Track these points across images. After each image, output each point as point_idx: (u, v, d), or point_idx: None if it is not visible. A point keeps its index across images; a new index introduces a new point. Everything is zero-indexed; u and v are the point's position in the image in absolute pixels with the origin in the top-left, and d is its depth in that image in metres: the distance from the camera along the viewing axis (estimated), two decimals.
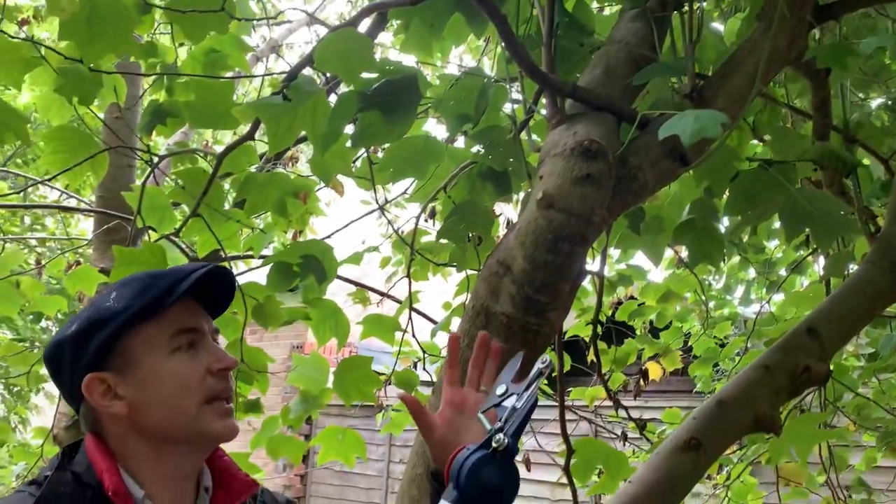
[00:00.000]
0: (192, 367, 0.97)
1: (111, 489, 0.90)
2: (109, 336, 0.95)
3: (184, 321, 0.98)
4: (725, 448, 1.53)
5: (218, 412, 0.97)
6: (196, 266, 0.99)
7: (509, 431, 0.92)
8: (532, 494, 5.98)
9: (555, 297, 1.30)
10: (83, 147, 1.80)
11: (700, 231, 1.74)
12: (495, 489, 0.90)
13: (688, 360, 3.30)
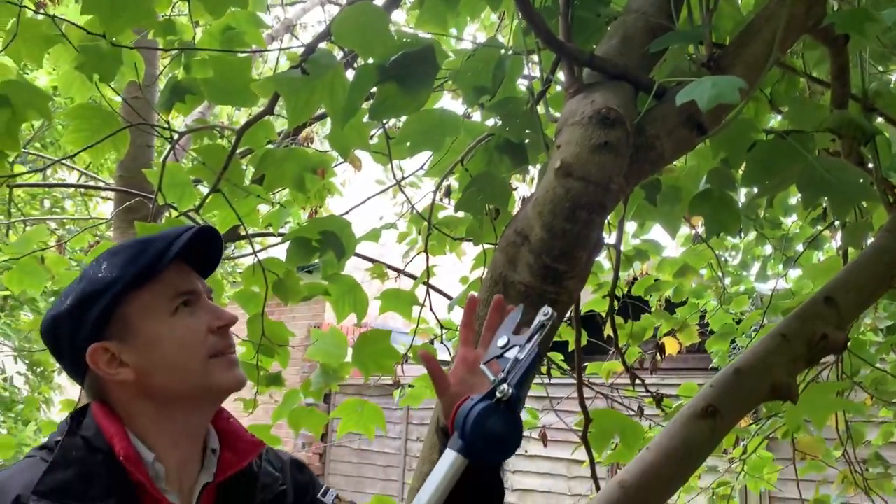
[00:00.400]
0: (192, 327, 0.98)
1: (122, 454, 0.92)
2: (106, 306, 0.96)
3: (178, 284, 0.99)
4: (742, 415, 1.54)
5: (223, 365, 0.99)
6: (184, 228, 1.00)
7: (513, 382, 0.94)
8: (548, 471, 6.03)
9: (573, 265, 1.32)
10: (105, 125, 1.83)
11: (717, 201, 1.74)
12: (499, 438, 0.93)
13: (704, 337, 3.31)
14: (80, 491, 0.90)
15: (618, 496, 1.44)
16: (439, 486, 0.92)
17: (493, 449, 0.93)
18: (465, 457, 0.93)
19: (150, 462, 0.95)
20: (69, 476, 0.90)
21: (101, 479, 0.92)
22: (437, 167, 1.98)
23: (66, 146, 1.86)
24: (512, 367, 0.96)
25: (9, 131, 1.64)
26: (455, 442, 0.94)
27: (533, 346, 0.98)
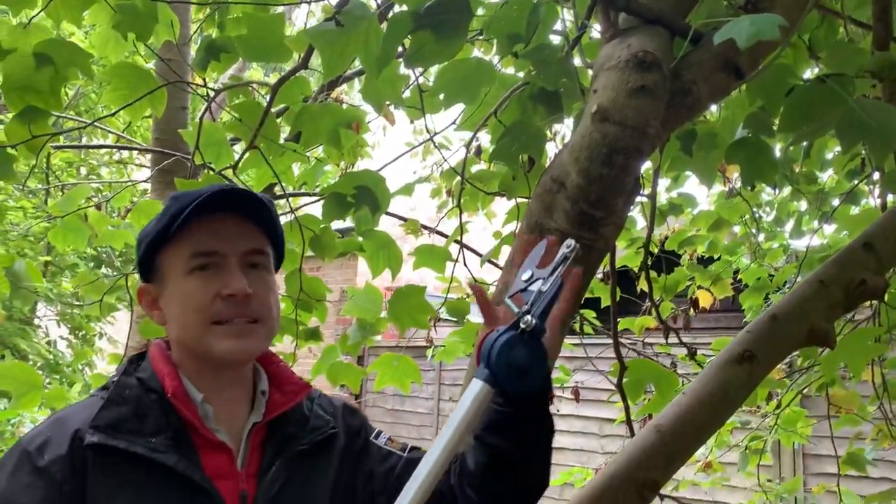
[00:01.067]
0: (202, 289, 1.00)
1: (171, 391, 0.97)
2: (143, 254, 1.05)
3: (201, 244, 1.01)
4: (779, 361, 1.54)
5: (224, 333, 1.00)
6: (205, 190, 1.00)
7: (536, 313, 0.96)
8: (580, 430, 6.07)
9: (609, 211, 1.32)
10: (142, 83, 1.85)
11: (753, 149, 1.73)
12: (523, 367, 0.95)
13: (738, 294, 3.28)
14: (133, 426, 0.95)
15: (653, 440, 1.46)
16: (466, 414, 0.95)
17: (517, 377, 0.95)
18: (491, 385, 0.96)
19: (199, 402, 1.00)
20: (123, 412, 0.96)
21: (153, 416, 0.97)
22: (470, 121, 1.98)
23: (105, 105, 1.89)
24: (536, 299, 0.98)
25: (52, 90, 1.68)
26: (481, 371, 0.97)
27: (556, 277, 0.99)
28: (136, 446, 0.93)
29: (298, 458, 1.04)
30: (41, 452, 0.91)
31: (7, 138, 1.68)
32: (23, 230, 5.54)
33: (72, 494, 0.89)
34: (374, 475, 1.10)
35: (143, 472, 0.93)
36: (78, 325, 5.81)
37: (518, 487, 1.05)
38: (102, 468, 0.92)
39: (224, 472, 0.98)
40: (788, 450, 5.02)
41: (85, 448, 0.92)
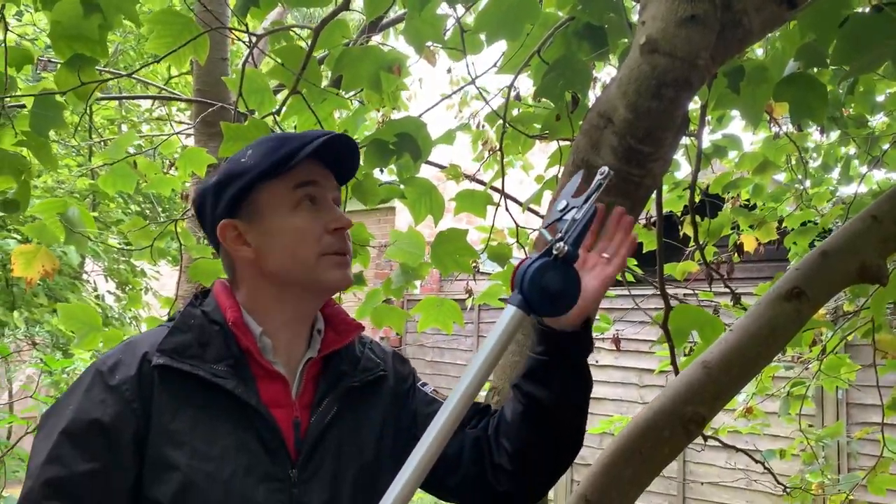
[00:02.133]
0: (311, 223, 1.06)
1: (231, 320, 1.03)
2: (241, 188, 1.05)
3: (305, 175, 1.06)
4: (828, 298, 1.53)
5: (333, 263, 1.07)
6: (320, 132, 1.07)
7: (569, 240, 0.97)
8: (620, 380, 6.09)
9: (657, 146, 1.31)
10: (185, 31, 1.86)
11: (804, 85, 1.69)
12: (556, 292, 0.96)
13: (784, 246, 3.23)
14: (196, 352, 1.01)
15: (700, 376, 1.47)
16: (499, 339, 0.96)
17: (549, 303, 0.97)
18: (524, 311, 0.97)
19: (258, 335, 1.05)
20: (187, 339, 1.02)
21: (215, 345, 1.02)
22: (511, 63, 1.96)
23: (146, 59, 1.91)
24: (569, 227, 0.98)
25: (99, 38, 1.70)
26: (514, 297, 0.98)
27: (590, 204, 0.99)
28: (199, 370, 0.99)
29: (349, 394, 1.08)
30: (113, 372, 0.97)
31: (57, 86, 1.71)
32: (69, 187, 5.65)
33: (139, 411, 0.96)
34: (418, 416, 1.14)
35: (204, 395, 0.98)
36: (125, 280, 5.96)
37: (552, 438, 1.07)
38: (167, 389, 0.98)
39: (279, 400, 1.03)
40: (831, 398, 4.98)
41: (152, 370, 0.98)
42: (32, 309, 5.21)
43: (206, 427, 0.97)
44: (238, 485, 0.95)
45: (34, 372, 5.00)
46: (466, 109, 4.60)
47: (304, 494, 1.00)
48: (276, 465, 0.99)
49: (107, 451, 0.93)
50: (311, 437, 1.02)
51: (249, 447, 0.98)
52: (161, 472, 0.94)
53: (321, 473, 1.02)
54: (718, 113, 2.30)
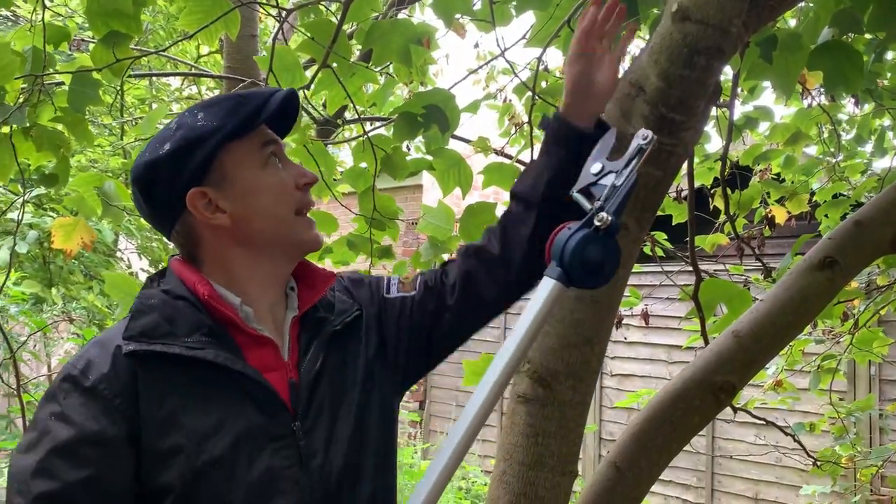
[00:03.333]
0: (282, 179, 1.03)
1: (206, 294, 0.97)
2: (209, 152, 0.99)
3: (267, 134, 1.04)
4: (862, 267, 1.52)
5: (306, 224, 1.05)
6: (273, 90, 1.04)
7: (611, 210, 0.93)
8: (648, 356, 6.08)
9: (689, 114, 1.30)
10: (216, 7, 1.88)
11: (839, 53, 1.66)
12: (598, 265, 0.93)
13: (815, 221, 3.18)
14: (165, 330, 0.95)
15: (731, 345, 1.47)
16: (539, 312, 0.94)
17: (591, 276, 0.94)
18: (563, 284, 0.94)
19: (238, 305, 1.00)
20: (152, 319, 0.96)
21: (183, 319, 0.97)
22: (540, 35, 1.95)
23: (181, 27, 1.93)
24: (610, 195, 0.95)
25: (134, 14, 1.72)
26: (552, 269, 0.95)
27: (631, 171, 0.96)
28: (173, 347, 0.94)
29: (332, 338, 1.06)
30: (86, 374, 0.92)
31: (93, 62, 1.74)
32: (102, 166, 5.74)
33: (123, 407, 0.91)
34: (399, 328, 1.13)
35: (186, 372, 0.94)
36: (157, 258, 6.05)
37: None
38: (147, 376, 0.93)
39: (270, 364, 1.00)
40: (863, 374, 4.93)
41: (125, 360, 0.93)
42: (69, 286, 5.32)
43: (196, 404, 0.93)
44: (243, 453, 0.93)
45: (72, 346, 5.11)
46: (493, 85, 4.59)
47: (311, 444, 0.98)
48: (276, 423, 0.96)
49: (98, 456, 0.89)
50: (305, 387, 1.00)
51: (245, 413, 0.95)
52: (162, 460, 0.91)
53: (321, 420, 1.00)
54: (750, 84, 2.27)
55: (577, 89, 1.13)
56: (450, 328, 1.15)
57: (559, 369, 1.35)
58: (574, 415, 1.38)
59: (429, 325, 1.14)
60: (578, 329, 1.33)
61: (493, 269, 1.14)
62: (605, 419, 6.33)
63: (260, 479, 0.93)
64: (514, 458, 1.38)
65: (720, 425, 5.59)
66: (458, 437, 0.91)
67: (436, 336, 1.15)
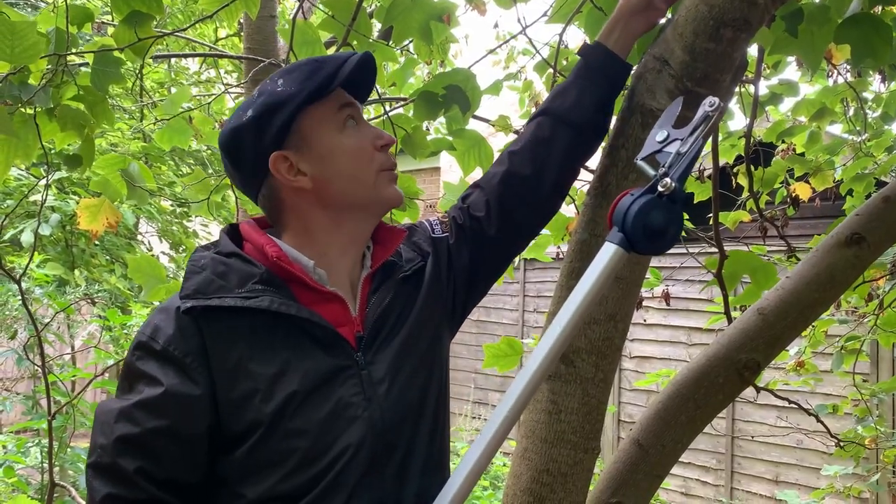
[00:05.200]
0: (360, 142, 1.07)
1: (274, 255, 1.02)
2: (287, 118, 1.03)
3: (343, 96, 1.07)
4: (891, 244, 1.50)
5: (389, 179, 1.09)
6: (349, 54, 1.07)
7: (675, 175, 0.93)
8: (668, 339, 6.06)
9: (715, 89, 1.28)
10: None
11: (867, 26, 1.63)
12: (661, 231, 0.93)
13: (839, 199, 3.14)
14: (218, 285, 0.99)
15: (756, 322, 1.46)
16: (599, 278, 0.93)
17: (653, 241, 0.93)
18: (625, 249, 0.94)
19: (311, 267, 1.04)
20: (204, 277, 1.01)
21: (235, 272, 1.01)
22: (562, 11, 1.93)
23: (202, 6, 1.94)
24: (674, 161, 0.94)
25: None
26: (614, 235, 0.94)
27: (697, 138, 0.95)
28: (227, 300, 0.97)
29: (401, 282, 1.12)
30: (155, 338, 0.97)
31: (115, 42, 1.74)
32: (123, 150, 5.78)
33: (195, 364, 0.96)
34: (450, 267, 1.19)
35: (246, 322, 0.98)
36: (178, 241, 6.11)
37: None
38: (210, 331, 0.97)
39: (339, 319, 1.03)
40: (886, 356, 4.88)
41: (187, 319, 0.97)
42: (91, 268, 5.38)
43: (261, 351, 0.97)
44: (312, 388, 0.97)
45: (95, 328, 5.18)
46: (513, 65, 4.57)
47: (374, 374, 1.02)
48: (338, 356, 1.00)
49: (177, 409, 0.94)
50: (370, 322, 1.05)
51: (308, 352, 0.99)
52: (239, 405, 0.95)
53: (384, 353, 1.04)
54: (775, 58, 2.23)
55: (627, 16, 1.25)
56: (493, 257, 1.23)
57: (582, 346, 1.34)
58: (596, 392, 1.37)
59: (474, 258, 1.20)
60: (602, 305, 1.32)
61: (527, 192, 1.22)
62: (624, 401, 6.33)
63: (331, 409, 0.98)
64: (536, 434, 1.38)
65: (740, 407, 5.57)
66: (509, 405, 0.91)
67: (482, 268, 1.22)
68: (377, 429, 0.99)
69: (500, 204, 1.20)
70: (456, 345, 7.57)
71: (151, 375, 0.95)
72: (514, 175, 1.22)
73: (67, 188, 5.28)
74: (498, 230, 1.20)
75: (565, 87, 1.27)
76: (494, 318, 7.45)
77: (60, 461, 4.05)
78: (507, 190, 1.21)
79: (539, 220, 1.28)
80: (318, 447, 0.96)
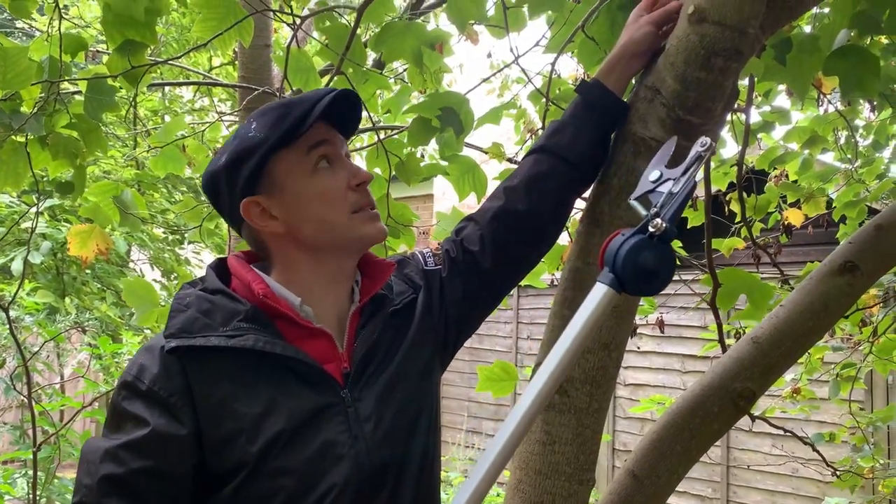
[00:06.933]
0: (332, 184, 1.05)
1: (261, 292, 1.01)
2: (256, 164, 1.03)
3: (316, 136, 1.05)
4: (883, 272, 1.50)
5: (366, 218, 1.07)
6: (325, 91, 1.05)
7: (666, 216, 0.92)
8: (662, 366, 6.04)
9: (707, 117, 1.29)
10: (230, 14, 1.89)
11: (855, 58, 1.64)
12: (652, 272, 0.92)
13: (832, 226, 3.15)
14: (202, 323, 0.99)
15: (750, 351, 1.45)
16: (590, 319, 0.92)
17: (644, 282, 0.92)
18: (615, 290, 0.93)
19: (298, 304, 1.04)
20: (188, 316, 0.99)
21: (220, 309, 1.00)
22: (555, 41, 1.95)
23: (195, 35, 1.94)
24: (666, 201, 0.93)
25: (147, 23, 1.73)
26: (605, 275, 0.94)
27: (689, 178, 0.95)
28: (212, 339, 0.97)
29: (391, 316, 1.10)
30: (140, 378, 0.96)
31: (109, 70, 1.75)
32: (116, 177, 5.78)
33: (180, 403, 0.94)
34: (442, 299, 1.18)
35: (231, 362, 0.97)
36: (170, 268, 6.08)
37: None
38: (195, 370, 0.96)
39: (326, 355, 1.02)
40: (881, 383, 4.87)
41: (172, 358, 0.96)
42: (82, 296, 5.35)
43: (246, 390, 0.96)
44: (298, 427, 0.96)
45: (85, 357, 5.13)
46: (507, 94, 4.59)
47: (361, 411, 1.00)
48: (324, 394, 0.99)
49: (162, 450, 0.93)
50: (358, 358, 1.03)
51: (294, 390, 0.98)
52: (224, 445, 0.94)
53: (371, 389, 1.03)
54: (766, 86, 2.25)
55: (628, 57, 1.27)
56: (487, 291, 1.22)
57: (576, 375, 1.33)
58: (591, 422, 1.36)
59: (467, 292, 1.19)
60: (596, 335, 1.31)
61: (522, 227, 1.22)
62: (619, 429, 6.29)
63: (317, 448, 0.96)
64: (530, 466, 1.36)
65: (735, 435, 5.54)
66: (501, 445, 0.90)
67: (475, 302, 1.21)
68: (363, 467, 0.98)
69: (495, 238, 1.20)
70: (449, 372, 7.52)
71: (137, 415, 0.94)
72: (510, 210, 1.22)
73: (60, 215, 5.26)
74: (493, 264, 1.19)
75: (562, 123, 1.27)
76: (488, 344, 7.42)
77: (47, 492, 3.99)
78: (502, 225, 1.21)
79: (534, 255, 1.27)
80: (304, 486, 0.95)
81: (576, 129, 1.24)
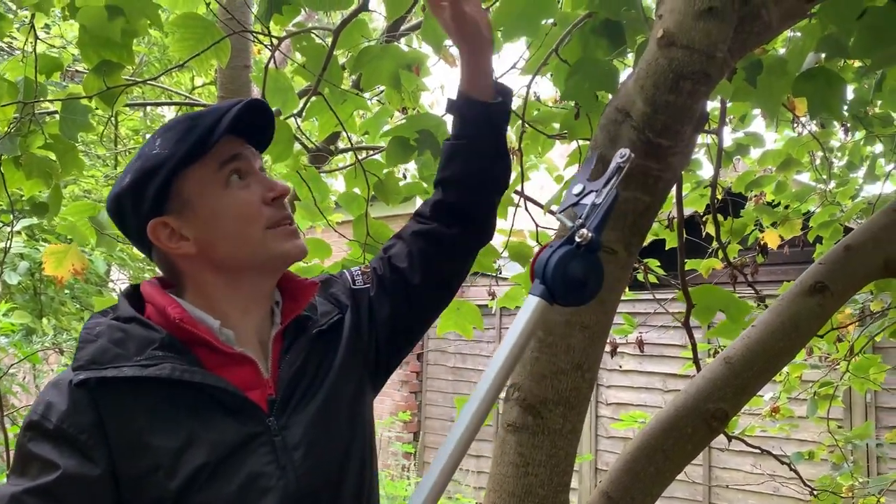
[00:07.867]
0: (246, 199, 0.98)
1: (178, 317, 0.94)
2: (161, 183, 0.96)
3: (227, 150, 0.98)
4: (853, 293, 1.52)
5: (283, 234, 1.01)
6: (233, 102, 0.99)
7: (592, 226, 0.94)
8: (644, 385, 6.05)
9: (676, 139, 1.31)
10: (207, 34, 1.89)
11: (822, 81, 1.67)
12: (580, 281, 0.94)
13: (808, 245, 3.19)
14: (114, 353, 0.92)
15: (723, 372, 1.46)
16: (523, 331, 0.95)
17: (574, 292, 0.95)
18: (547, 301, 0.95)
19: (217, 328, 0.98)
20: (98, 346, 0.93)
21: (133, 338, 0.93)
22: (531, 64, 1.97)
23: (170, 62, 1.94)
24: (590, 212, 0.96)
25: (124, 43, 1.73)
26: (536, 287, 0.96)
27: (611, 189, 0.97)
28: (124, 370, 0.90)
29: (315, 338, 1.05)
30: (47, 417, 0.89)
31: (85, 91, 1.74)
32: (96, 197, 5.74)
33: (92, 441, 0.88)
34: (371, 319, 1.13)
35: (146, 393, 0.91)
36: None
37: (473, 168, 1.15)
38: (107, 404, 0.90)
39: (250, 382, 0.97)
40: (859, 401, 4.91)
41: (81, 393, 0.90)
42: (60, 316, 5.30)
43: (163, 423, 0.90)
44: (221, 460, 0.90)
45: None
46: None
47: (288, 440, 0.95)
48: (248, 423, 0.94)
49: (73, 492, 0.86)
50: (283, 384, 0.98)
51: (215, 421, 0.92)
52: (141, 482, 0.89)
53: (299, 416, 0.98)
54: (741, 111, 2.29)
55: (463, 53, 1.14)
56: (416, 309, 1.16)
57: (549, 397, 1.33)
58: (564, 444, 1.36)
59: (396, 310, 1.14)
60: (569, 355, 1.31)
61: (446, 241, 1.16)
62: (601, 448, 6.28)
63: (242, 481, 0.91)
64: (504, 488, 1.36)
65: (716, 454, 5.54)
66: (441, 465, 0.91)
67: (404, 321, 1.15)
68: (292, 498, 0.93)
69: (423, 253, 1.15)
70: (432, 392, 7.49)
71: (45, 458, 0.87)
72: (432, 234, 1.16)
73: (38, 235, 5.22)
74: (421, 280, 1.14)
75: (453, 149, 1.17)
76: (471, 364, 7.40)
77: None
78: (428, 240, 1.16)
79: (462, 263, 1.21)
80: None
81: (464, 154, 1.16)
